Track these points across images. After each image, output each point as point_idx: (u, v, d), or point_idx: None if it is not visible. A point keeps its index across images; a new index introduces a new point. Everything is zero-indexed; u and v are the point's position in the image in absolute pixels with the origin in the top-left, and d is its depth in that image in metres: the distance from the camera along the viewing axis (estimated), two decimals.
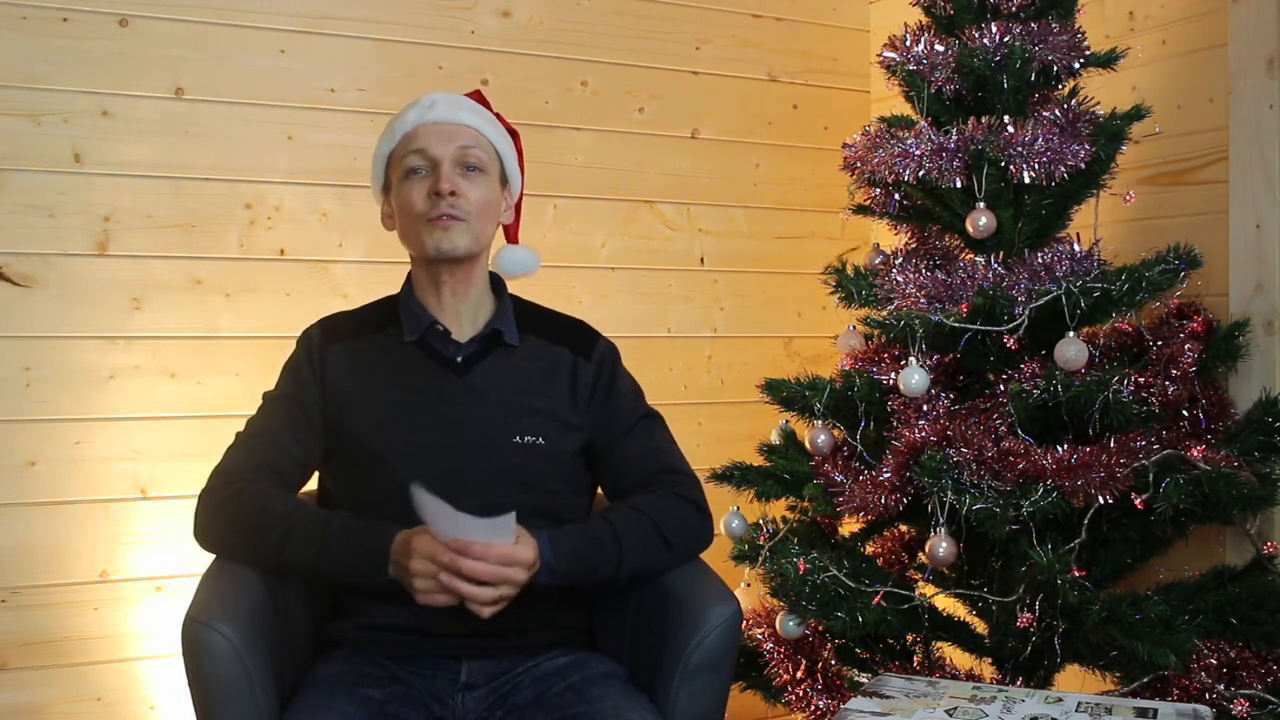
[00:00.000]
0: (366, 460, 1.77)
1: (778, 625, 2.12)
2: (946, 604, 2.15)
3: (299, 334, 1.88)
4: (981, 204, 2.05)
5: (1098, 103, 2.09)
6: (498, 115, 1.91)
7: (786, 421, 2.33)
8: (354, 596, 1.76)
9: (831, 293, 2.24)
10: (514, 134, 1.93)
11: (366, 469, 1.77)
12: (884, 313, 2.09)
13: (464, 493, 1.68)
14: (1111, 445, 1.90)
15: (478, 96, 1.92)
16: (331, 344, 1.84)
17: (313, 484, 1.86)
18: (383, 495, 1.73)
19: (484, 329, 1.85)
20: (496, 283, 1.92)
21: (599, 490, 1.94)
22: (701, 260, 2.93)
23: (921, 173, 2.05)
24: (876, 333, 2.19)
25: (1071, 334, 1.96)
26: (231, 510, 1.70)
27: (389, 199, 1.86)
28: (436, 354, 1.82)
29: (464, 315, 1.85)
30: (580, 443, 1.85)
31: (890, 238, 2.40)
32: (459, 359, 1.82)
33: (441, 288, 1.83)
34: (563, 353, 1.88)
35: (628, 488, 1.84)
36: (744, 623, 1.97)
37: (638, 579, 1.76)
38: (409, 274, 1.90)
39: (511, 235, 1.98)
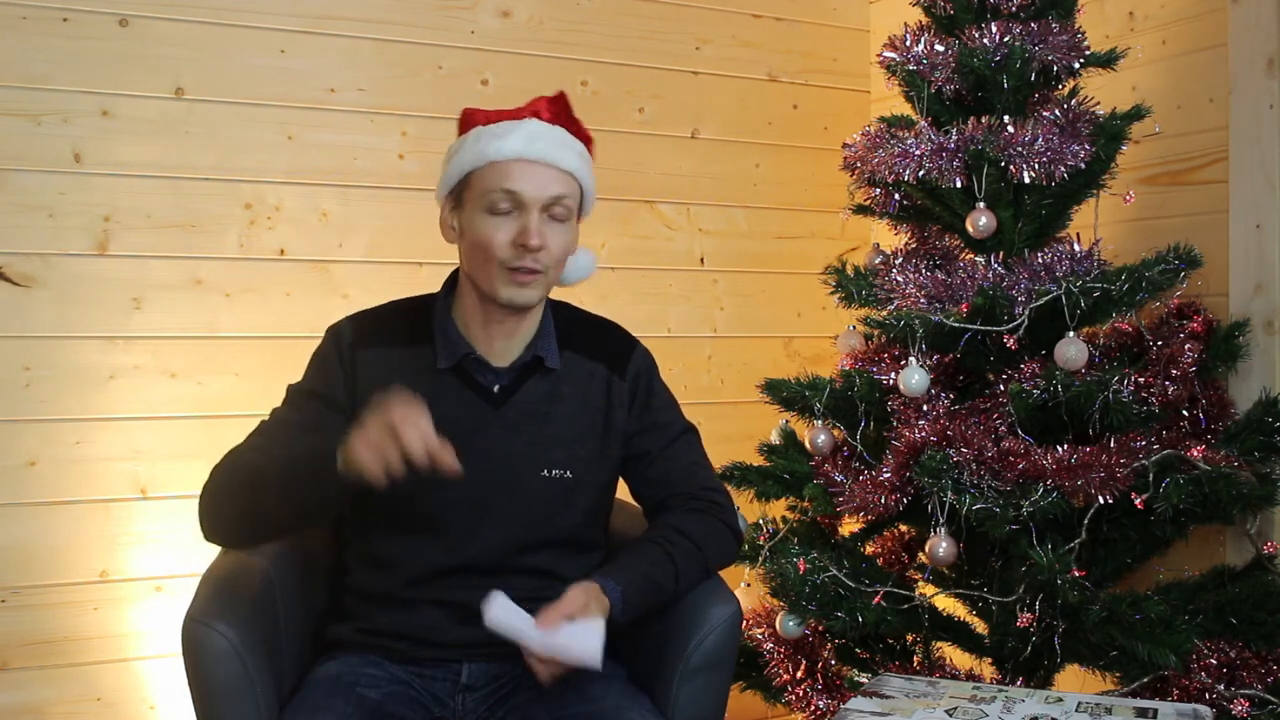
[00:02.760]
0: (390, 483, 1.69)
1: (778, 625, 2.12)
2: (946, 604, 2.15)
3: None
4: (981, 204, 2.05)
5: (1098, 103, 2.09)
6: (577, 122, 1.77)
7: (786, 421, 2.33)
8: (357, 599, 1.75)
9: (831, 293, 2.24)
10: (589, 141, 1.78)
11: (387, 490, 1.71)
12: (884, 313, 2.09)
13: (486, 525, 1.67)
14: (1111, 445, 1.90)
15: (564, 106, 1.75)
16: (362, 348, 1.74)
17: None
18: (402, 515, 1.71)
19: (525, 355, 1.75)
20: None
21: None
22: (701, 260, 2.93)
23: (921, 173, 2.05)
24: (876, 333, 2.19)
25: (1071, 334, 1.97)
26: (225, 479, 1.66)
27: (457, 213, 1.72)
28: (472, 381, 1.74)
29: (509, 345, 1.75)
30: (610, 472, 1.82)
31: (890, 238, 2.40)
32: (496, 388, 1.74)
33: (492, 325, 1.73)
34: (598, 369, 1.80)
35: (666, 501, 1.80)
36: (744, 623, 1.97)
37: None
38: (452, 285, 1.79)
39: None
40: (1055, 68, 2.09)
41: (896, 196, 2.23)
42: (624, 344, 1.87)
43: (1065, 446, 1.91)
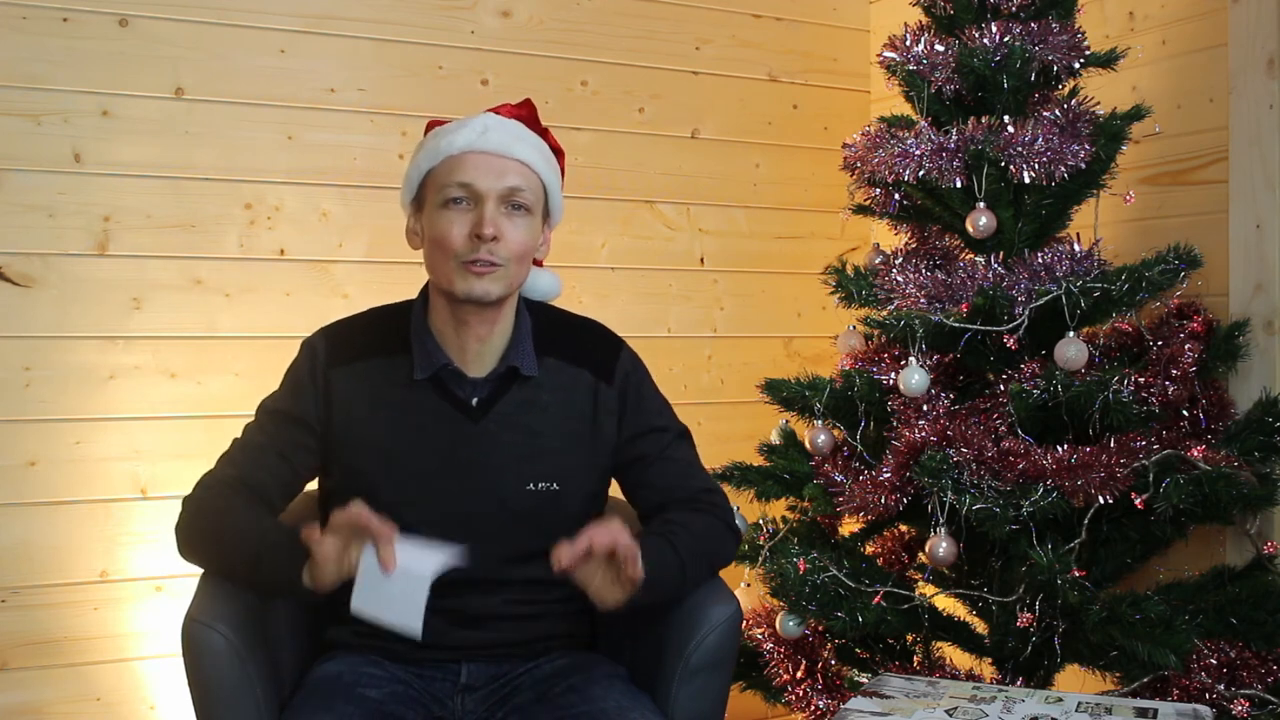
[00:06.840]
0: (368, 499, 1.66)
1: (778, 625, 2.12)
2: (946, 604, 2.15)
3: (299, 338, 1.76)
4: (981, 204, 2.05)
5: (1098, 103, 2.09)
6: (545, 131, 1.78)
7: (786, 421, 2.33)
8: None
9: (831, 293, 2.24)
10: (559, 153, 1.79)
11: (368, 505, 1.68)
12: (884, 313, 2.09)
13: (473, 538, 1.63)
14: (1111, 445, 1.90)
15: (529, 110, 1.78)
16: (337, 366, 1.72)
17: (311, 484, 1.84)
18: None
19: (500, 366, 1.72)
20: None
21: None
22: (701, 260, 2.93)
23: (921, 173, 2.05)
24: (876, 333, 2.19)
25: (1071, 334, 1.97)
26: (198, 523, 1.67)
27: (419, 217, 1.72)
28: (449, 394, 1.71)
29: (483, 352, 1.72)
30: (599, 481, 1.80)
31: (890, 238, 2.40)
32: (474, 401, 1.71)
33: (463, 327, 1.70)
34: (583, 375, 1.76)
35: (665, 504, 1.77)
36: (744, 623, 1.97)
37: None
38: (425, 293, 1.77)
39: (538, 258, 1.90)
40: (1055, 68, 2.09)
41: (896, 196, 2.23)
42: (609, 347, 1.82)
43: (1065, 446, 1.91)
